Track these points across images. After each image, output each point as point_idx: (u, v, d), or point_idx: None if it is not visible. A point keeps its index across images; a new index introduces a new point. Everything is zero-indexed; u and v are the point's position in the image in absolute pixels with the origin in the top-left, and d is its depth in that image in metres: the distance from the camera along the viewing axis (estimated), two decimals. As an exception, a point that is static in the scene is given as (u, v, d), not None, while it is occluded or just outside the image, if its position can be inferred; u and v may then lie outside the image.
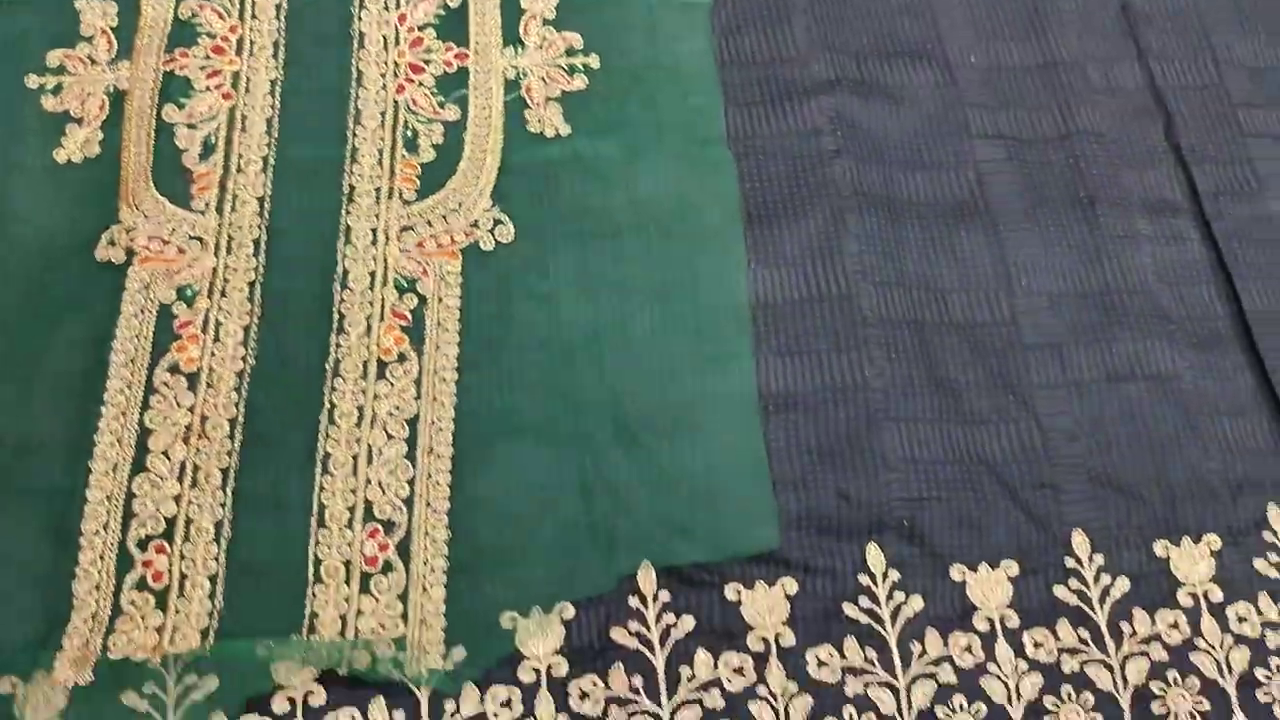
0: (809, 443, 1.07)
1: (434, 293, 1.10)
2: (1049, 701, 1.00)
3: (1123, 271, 1.20)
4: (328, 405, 1.04)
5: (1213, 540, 1.08)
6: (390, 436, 1.03)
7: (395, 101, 1.19)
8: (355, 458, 1.02)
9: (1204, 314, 1.20)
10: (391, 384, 1.05)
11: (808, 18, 1.30)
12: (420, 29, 1.24)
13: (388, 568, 0.98)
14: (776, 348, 1.12)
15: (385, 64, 1.21)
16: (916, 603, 1.03)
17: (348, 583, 0.97)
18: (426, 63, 1.22)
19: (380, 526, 1.00)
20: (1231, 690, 1.02)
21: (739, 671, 0.98)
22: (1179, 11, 1.38)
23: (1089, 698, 1.00)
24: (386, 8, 1.25)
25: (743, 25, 1.29)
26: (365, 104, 1.18)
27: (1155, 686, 1.01)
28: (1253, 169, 1.28)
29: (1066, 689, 1.00)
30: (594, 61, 1.23)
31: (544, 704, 0.95)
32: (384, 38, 1.23)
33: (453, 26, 1.23)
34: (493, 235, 1.13)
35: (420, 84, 1.20)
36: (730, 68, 1.26)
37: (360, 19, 1.23)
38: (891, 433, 1.09)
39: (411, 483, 1.01)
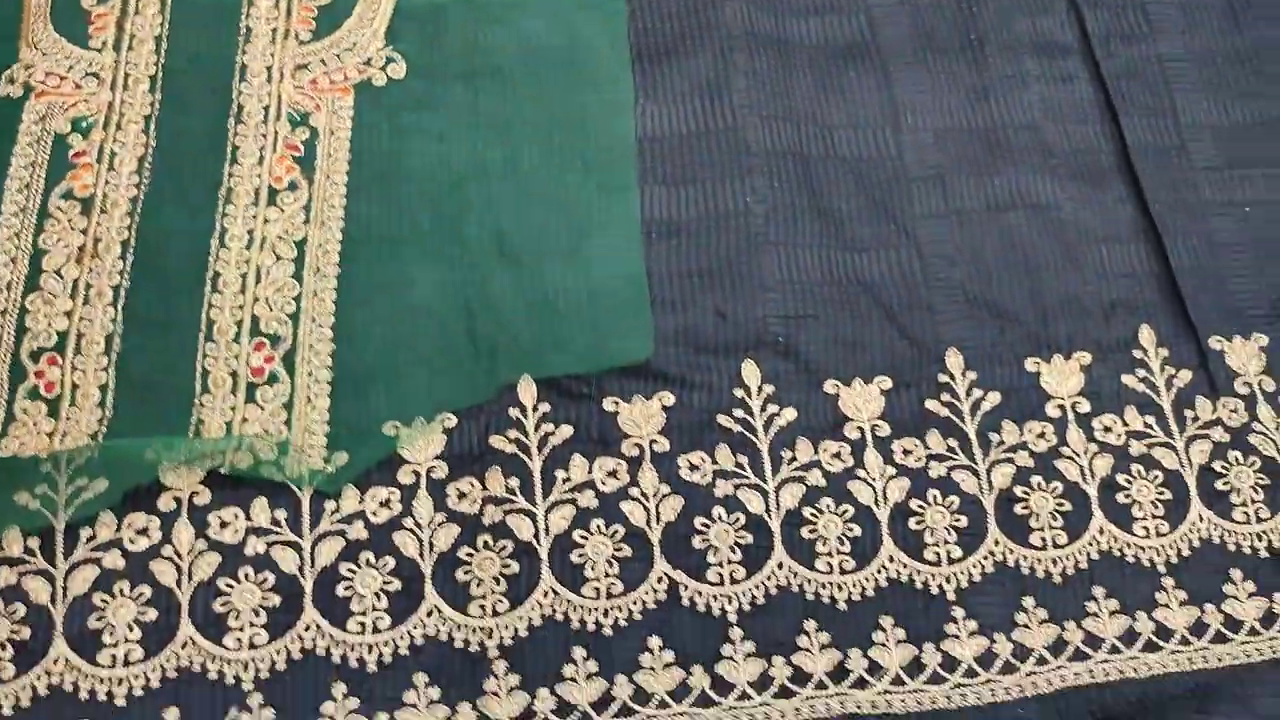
0: (689, 266, 1.11)
1: (326, 126, 1.13)
2: (915, 504, 1.03)
3: (1009, 109, 1.22)
4: (219, 229, 1.07)
5: (1083, 357, 1.11)
6: (279, 258, 1.06)
7: (293, -53, 1.21)
8: (244, 277, 1.05)
9: (1089, 149, 1.22)
10: (281, 210, 1.08)
11: None
12: (318, -124, 1.25)
13: (273, 379, 1.02)
14: (662, 178, 1.14)
15: (284, -89, 1.22)
16: (789, 414, 1.06)
17: (234, 392, 1.01)
18: (324, -92, 1.23)
19: (266, 340, 1.03)
20: (1093, 493, 1.05)
21: (613, 474, 1.02)
22: None
23: (954, 500, 1.03)
24: None
25: None
26: (263, -51, 1.20)
27: (1019, 490, 1.05)
28: (1144, 13, 1.30)
29: (933, 493, 1.04)
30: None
31: (422, 503, 0.99)
32: (283, -115, 1.24)
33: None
34: (385, 73, 1.16)
35: (318, -70, 1.22)
36: None
37: None
38: (771, 256, 1.12)
39: (298, 299, 1.04)
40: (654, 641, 0.96)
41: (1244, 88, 1.26)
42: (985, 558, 1.02)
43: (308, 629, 0.93)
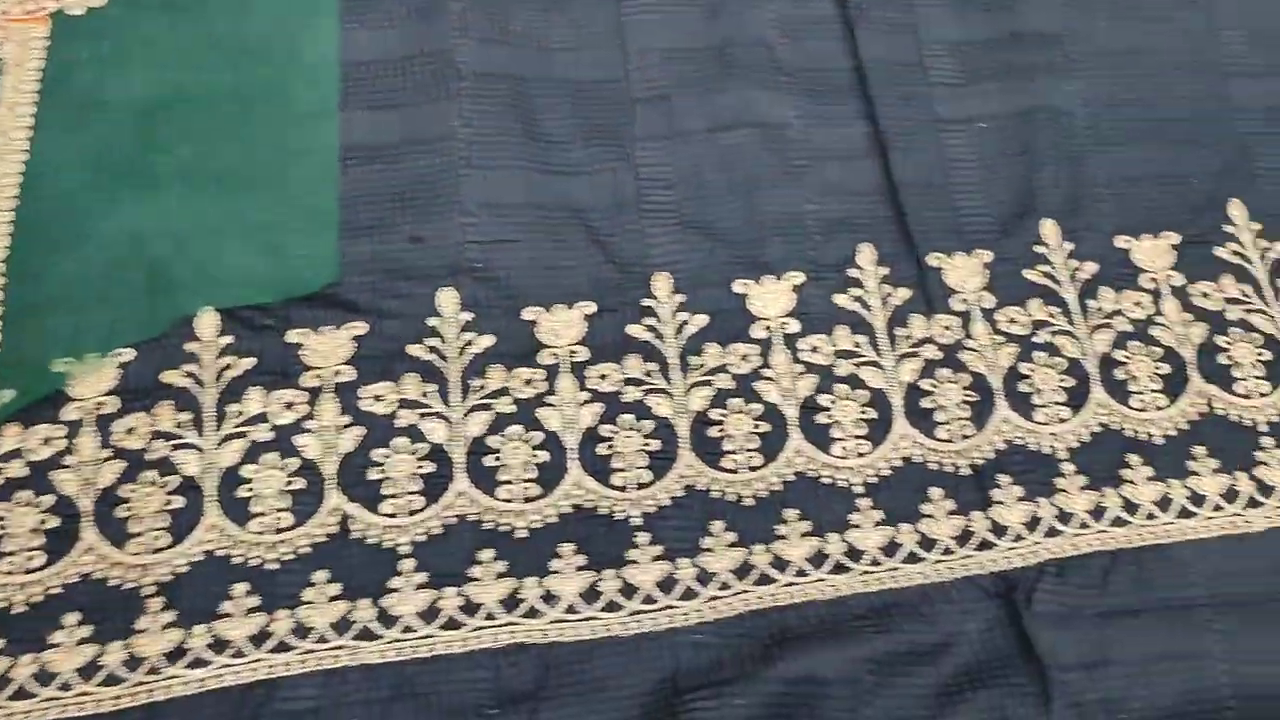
0: (387, 191, 1.07)
1: (13, 58, 1.08)
2: (605, 429, 1.00)
3: (742, 27, 1.19)
4: (-111, 166, 1.03)
5: (796, 277, 1.08)
6: (-48, 193, 1.03)
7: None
8: (-85, 212, 1.01)
9: (825, 66, 1.19)
10: (-42, 143, 1.04)
11: None
12: None
13: (-62, 315, 0.98)
14: (365, 103, 1.11)
15: None
16: (486, 341, 1.03)
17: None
18: None
19: (-67, 276, 1.00)
20: (792, 414, 1.02)
21: (289, 407, 0.99)
22: None
23: (647, 424, 1.01)
24: None
25: None
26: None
27: (715, 413, 1.02)
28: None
29: (626, 418, 1.01)
30: None
31: (87, 439, 0.95)
32: None
33: None
34: (84, 1, 1.11)
35: None
36: None
37: None
38: (474, 180, 1.09)
39: (-31, 235, 1.01)
40: (320, 575, 0.93)
41: (987, 2, 1.23)
42: (675, 482, 0.99)
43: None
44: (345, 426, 0.98)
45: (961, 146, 1.16)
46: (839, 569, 0.98)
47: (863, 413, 1.03)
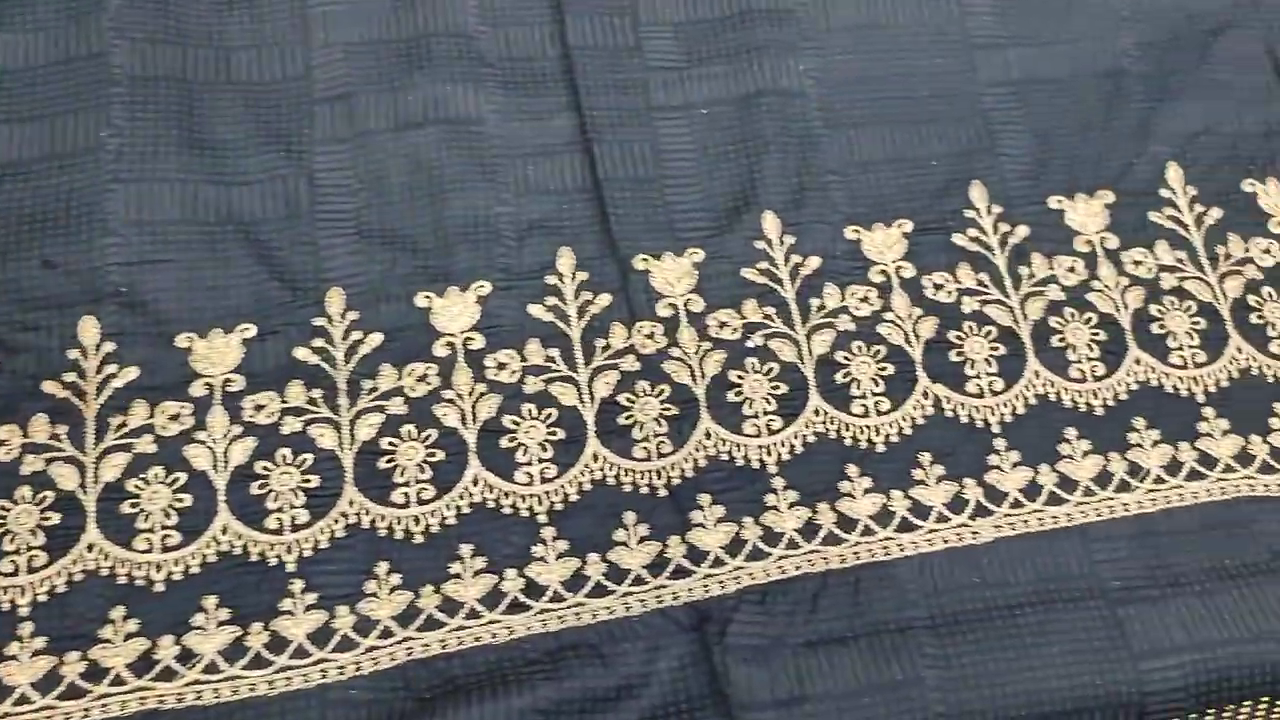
0: (21, 212, 0.97)
1: None
2: (260, 466, 0.90)
3: (440, 16, 1.09)
4: None
5: (482, 287, 0.99)
6: None
7: None
8: None
9: (530, 55, 1.09)
10: None
11: None
12: None
13: None
14: (10, 115, 1.00)
15: None
16: (130, 374, 0.93)
17: None
18: None
19: None
20: (473, 439, 0.93)
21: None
22: None
23: (308, 458, 0.91)
24: None
25: None
26: None
27: (385, 442, 0.93)
28: (613, -100, 1.15)
29: (283, 452, 0.91)
30: None
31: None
32: None
33: None
34: None
35: None
36: None
37: None
38: (120, 195, 0.98)
39: None
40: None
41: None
42: (336, 521, 0.89)
43: None
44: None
45: (678, 136, 1.07)
46: (515, 608, 0.88)
47: (551, 433, 0.94)
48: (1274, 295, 1.05)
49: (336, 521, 0.90)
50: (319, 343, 0.96)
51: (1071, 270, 1.04)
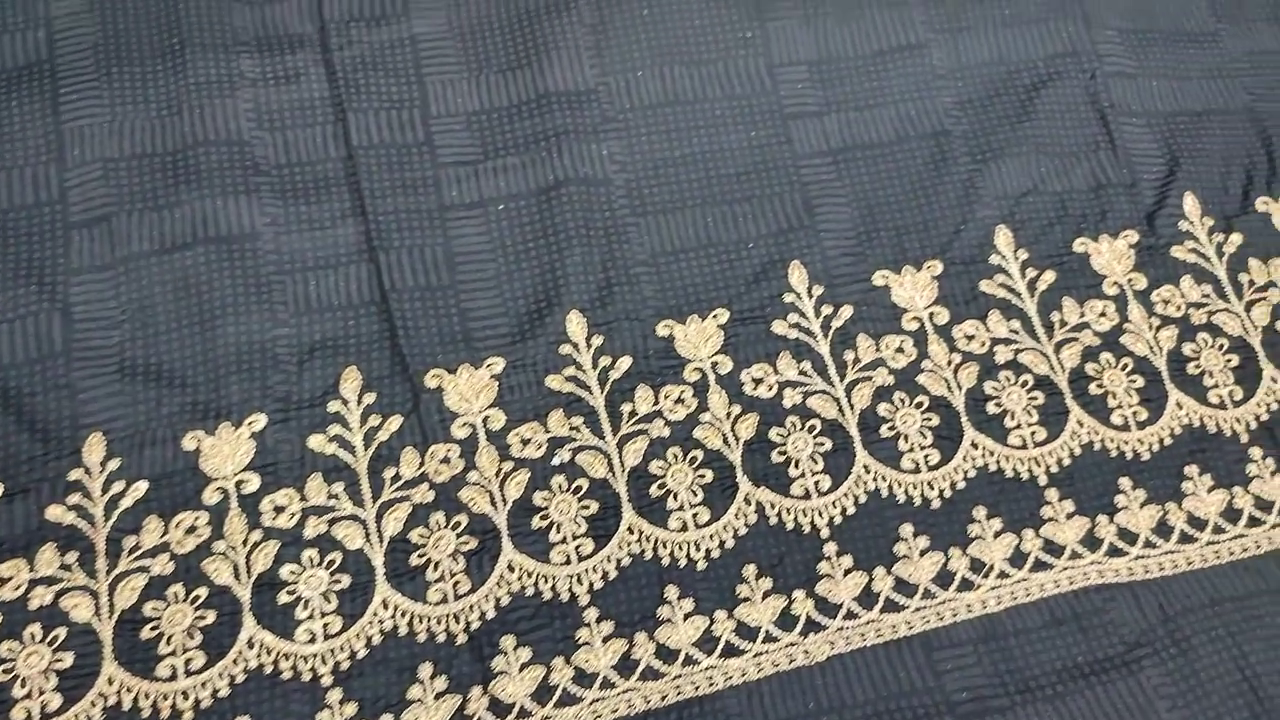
0: None
1: None
2: (6, 648, 0.80)
3: (209, 122, 1.00)
4: None
5: (256, 420, 0.90)
6: None
7: None
8: None
9: (311, 159, 1.01)
10: None
11: None
12: None
13: None
14: None
15: None
16: None
17: None
18: None
19: None
20: (247, 596, 0.83)
21: None
22: None
23: (61, 632, 0.81)
24: None
25: None
26: None
27: (150, 608, 0.83)
28: (399, -12, 1.08)
29: (34, 628, 0.81)
30: None
31: None
32: None
33: None
34: None
35: None
36: None
37: None
38: None
39: None
40: None
41: (508, 61, 1.06)
42: (95, 703, 0.79)
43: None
44: None
45: (473, 236, 0.99)
46: (295, 789, 0.79)
47: (335, 581, 0.85)
48: (1112, 362, 1.00)
49: (96, 703, 0.80)
50: (75, 499, 0.86)
51: (900, 350, 0.98)
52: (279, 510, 0.88)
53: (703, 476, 0.92)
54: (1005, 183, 1.07)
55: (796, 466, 0.93)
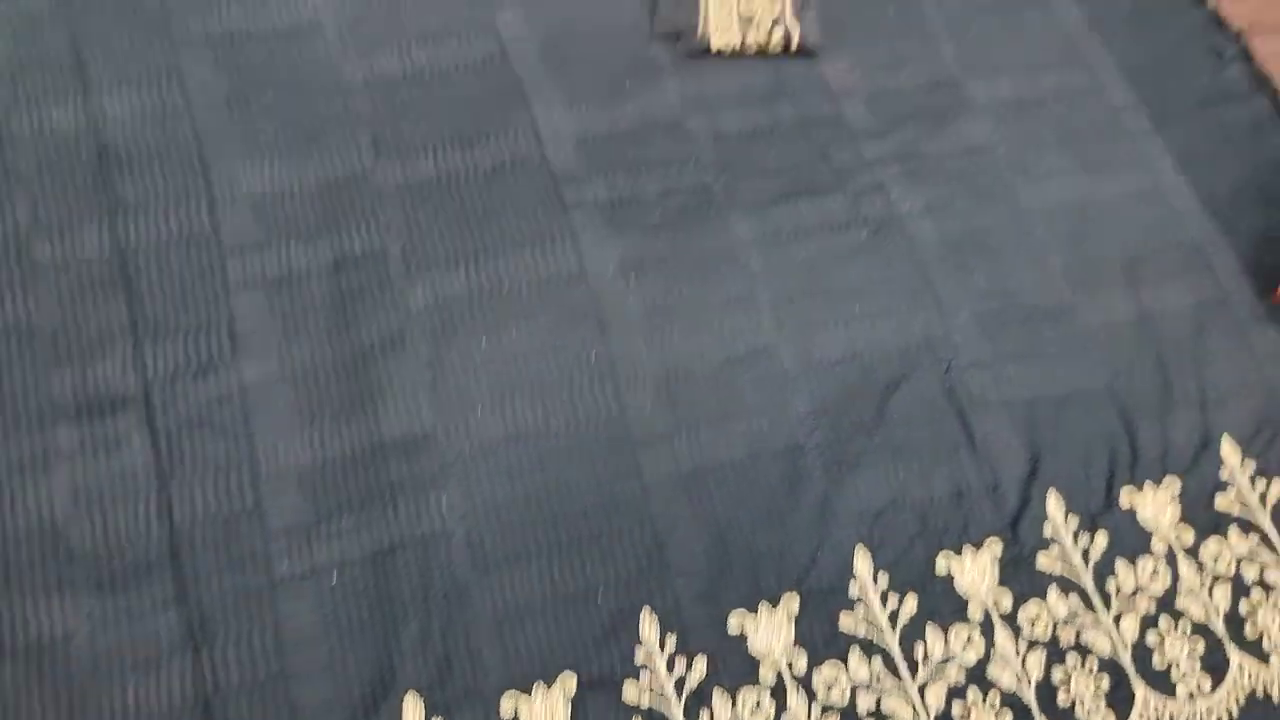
0: None
1: None
2: None
3: (19, 513, 0.94)
4: None
5: None
6: None
7: None
8: None
9: (133, 539, 0.95)
10: None
11: None
12: None
13: None
14: None
15: None
16: None
17: None
18: None
19: None
20: None
21: None
22: (173, 145, 1.13)
23: None
24: None
25: None
26: None
27: None
28: (231, 333, 1.04)
29: None
30: None
31: None
32: None
33: None
34: None
35: None
36: None
37: None
38: None
39: None
40: None
41: (341, 407, 1.02)
42: None
43: None
44: None
45: (306, 615, 0.94)
46: None
47: None
48: (980, 701, 0.96)
49: None
50: None
51: (759, 707, 0.94)
52: None
53: None
54: (862, 498, 1.04)
55: None
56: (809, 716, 0.95)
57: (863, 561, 1.01)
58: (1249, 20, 1.34)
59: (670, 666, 0.96)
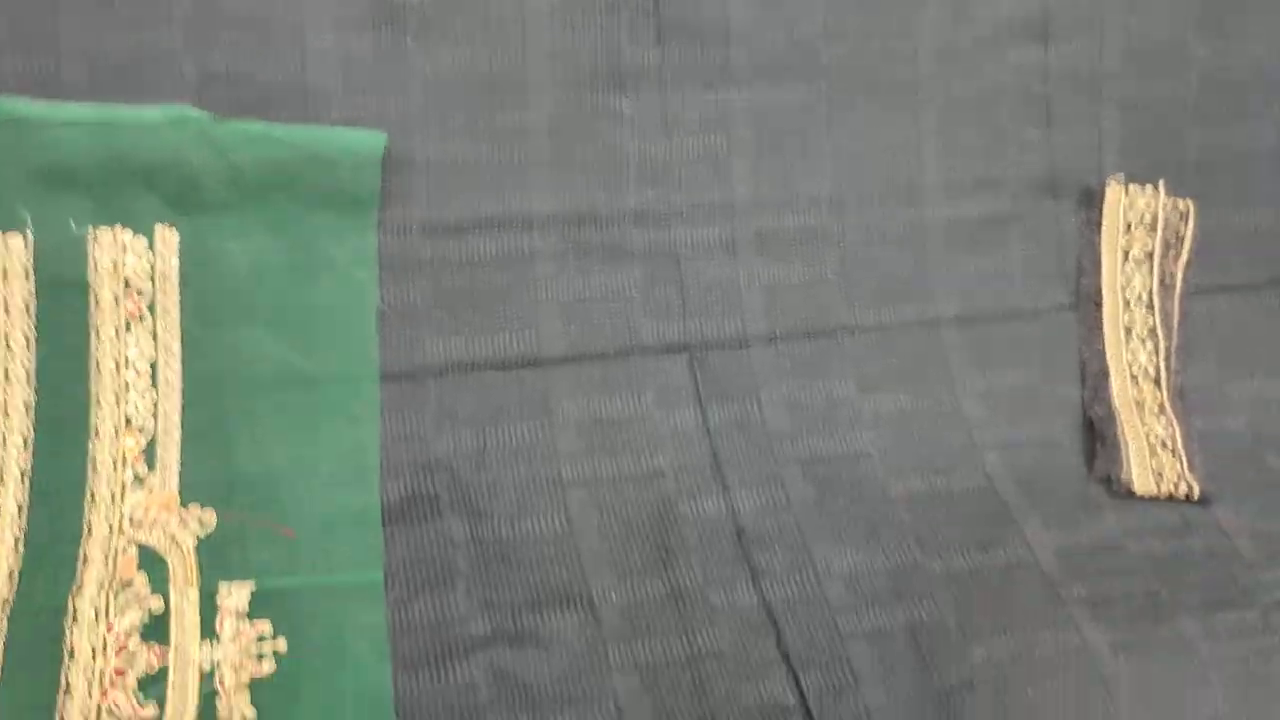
0: None
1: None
2: None
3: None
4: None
5: None
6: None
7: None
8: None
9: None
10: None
11: (468, 581, 1.55)
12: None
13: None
14: None
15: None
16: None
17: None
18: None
19: None
20: None
21: None
22: (784, 531, 1.67)
23: None
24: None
25: (411, 596, 1.53)
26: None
27: None
28: (850, 668, 1.53)
29: None
30: (281, 646, 1.44)
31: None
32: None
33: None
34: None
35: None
36: (401, 636, 1.48)
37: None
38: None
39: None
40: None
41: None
42: None
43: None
44: None
45: None
46: None
47: None
48: None
49: None
50: None
51: None
52: None
53: None
54: None
55: None
56: None
57: None
58: None
59: None
